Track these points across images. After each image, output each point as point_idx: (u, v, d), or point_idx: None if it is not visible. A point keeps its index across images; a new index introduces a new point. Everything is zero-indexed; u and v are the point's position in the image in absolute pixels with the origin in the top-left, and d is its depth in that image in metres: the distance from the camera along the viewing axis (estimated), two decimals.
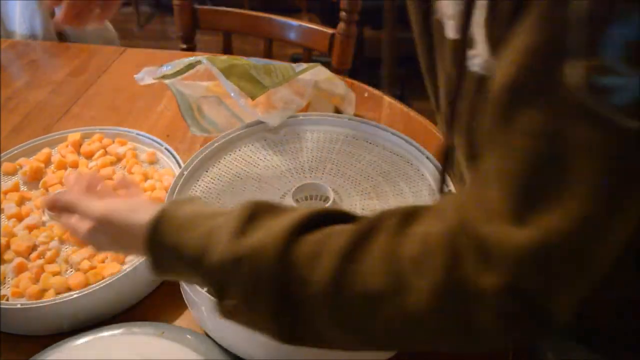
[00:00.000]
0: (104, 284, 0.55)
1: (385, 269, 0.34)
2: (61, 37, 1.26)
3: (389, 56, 2.04)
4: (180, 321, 0.58)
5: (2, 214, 0.66)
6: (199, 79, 0.72)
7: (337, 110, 0.83)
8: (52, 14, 1.22)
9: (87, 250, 0.60)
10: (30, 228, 0.63)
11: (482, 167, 0.35)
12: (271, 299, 0.36)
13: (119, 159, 0.74)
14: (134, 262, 0.58)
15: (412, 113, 0.89)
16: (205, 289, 0.48)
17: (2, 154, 0.74)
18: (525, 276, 0.31)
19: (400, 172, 0.61)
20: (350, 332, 0.36)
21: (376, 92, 0.94)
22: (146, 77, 0.68)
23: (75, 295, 0.54)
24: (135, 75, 0.69)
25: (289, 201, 0.57)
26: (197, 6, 1.17)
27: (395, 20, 2.51)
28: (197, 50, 1.20)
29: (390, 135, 0.65)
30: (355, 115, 0.74)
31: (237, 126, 0.67)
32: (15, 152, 0.74)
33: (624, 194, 0.30)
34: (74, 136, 0.76)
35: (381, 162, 0.63)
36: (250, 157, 0.64)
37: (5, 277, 0.59)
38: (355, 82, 0.96)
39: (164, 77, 0.68)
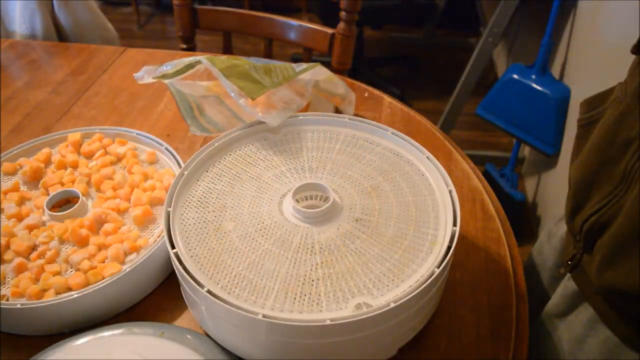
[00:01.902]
0: (104, 284, 0.55)
1: None
2: (61, 37, 1.26)
3: None
4: (180, 321, 0.58)
5: (2, 214, 0.66)
6: (198, 78, 0.72)
7: (337, 110, 0.83)
8: (52, 14, 1.23)
9: (87, 250, 0.60)
10: (30, 228, 0.63)
11: None
12: None
13: (119, 159, 0.74)
14: (134, 262, 0.58)
15: (412, 113, 0.89)
16: (206, 289, 0.48)
17: (2, 154, 0.74)
18: None
19: (400, 172, 0.61)
20: None
21: (376, 92, 0.94)
22: (146, 76, 0.68)
23: (75, 295, 0.54)
24: (134, 74, 0.69)
25: (288, 201, 0.57)
26: (197, 6, 1.17)
27: (394, 20, 2.51)
28: (197, 50, 1.21)
29: (390, 135, 0.65)
30: (355, 115, 0.74)
31: (238, 126, 0.67)
32: (15, 152, 0.74)
33: None
34: (74, 136, 0.76)
35: (381, 162, 0.63)
36: (250, 157, 0.64)
37: (5, 277, 0.59)
38: (355, 82, 0.96)
39: (164, 76, 0.68)
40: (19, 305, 0.54)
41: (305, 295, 0.49)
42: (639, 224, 0.48)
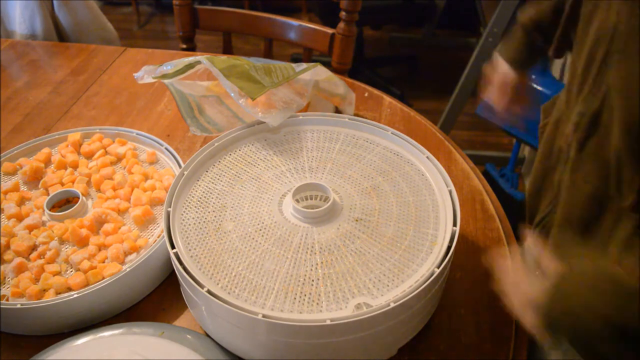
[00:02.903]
0: (104, 284, 0.55)
1: None
2: (61, 37, 1.26)
3: None
4: (180, 321, 0.58)
5: (2, 214, 0.66)
6: (198, 78, 0.72)
7: (337, 111, 0.83)
8: (52, 14, 1.23)
9: (87, 250, 0.60)
10: (30, 228, 0.63)
11: None
12: None
13: (119, 159, 0.74)
14: (134, 262, 0.58)
15: (412, 113, 0.89)
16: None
17: (2, 154, 0.74)
18: None
19: (400, 172, 0.61)
20: None
21: (376, 92, 0.94)
22: (145, 76, 0.68)
23: (75, 295, 0.54)
24: (134, 74, 0.69)
25: (288, 201, 0.57)
26: (197, 6, 1.17)
27: (394, 20, 2.51)
28: (197, 50, 1.20)
29: (390, 135, 0.65)
30: (355, 115, 0.74)
31: (237, 126, 0.67)
32: (15, 152, 0.74)
33: None
34: (74, 136, 0.76)
35: (381, 162, 0.63)
36: (250, 157, 0.64)
37: (5, 277, 0.59)
38: (356, 82, 0.96)
39: (164, 76, 0.68)
40: (19, 305, 0.54)
41: (305, 295, 0.49)
42: (567, 235, 0.47)
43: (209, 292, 0.48)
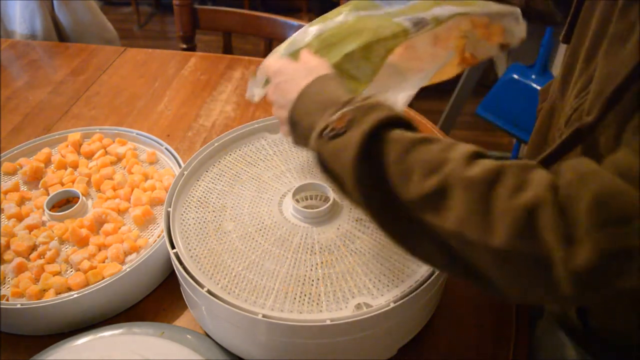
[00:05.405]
0: (104, 284, 0.55)
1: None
2: (61, 37, 1.26)
3: None
4: (180, 321, 0.58)
5: (2, 214, 0.66)
6: None
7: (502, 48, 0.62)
8: (52, 14, 1.23)
9: (87, 250, 0.60)
10: (30, 228, 0.63)
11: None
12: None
13: (119, 159, 0.74)
14: (134, 262, 0.58)
15: (412, 113, 0.89)
16: (195, 289, 0.48)
17: (2, 154, 0.74)
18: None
19: None
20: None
21: None
22: (255, 91, 0.59)
23: (75, 295, 0.55)
24: (246, 95, 0.60)
25: (288, 201, 0.57)
26: (197, 6, 1.17)
27: None
28: (197, 50, 1.20)
29: None
30: None
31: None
32: (15, 152, 0.74)
33: None
34: (74, 136, 0.76)
35: None
36: (250, 157, 0.64)
37: (5, 277, 0.59)
38: None
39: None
40: (19, 305, 0.54)
41: (305, 295, 0.49)
42: None
43: (209, 292, 0.48)
